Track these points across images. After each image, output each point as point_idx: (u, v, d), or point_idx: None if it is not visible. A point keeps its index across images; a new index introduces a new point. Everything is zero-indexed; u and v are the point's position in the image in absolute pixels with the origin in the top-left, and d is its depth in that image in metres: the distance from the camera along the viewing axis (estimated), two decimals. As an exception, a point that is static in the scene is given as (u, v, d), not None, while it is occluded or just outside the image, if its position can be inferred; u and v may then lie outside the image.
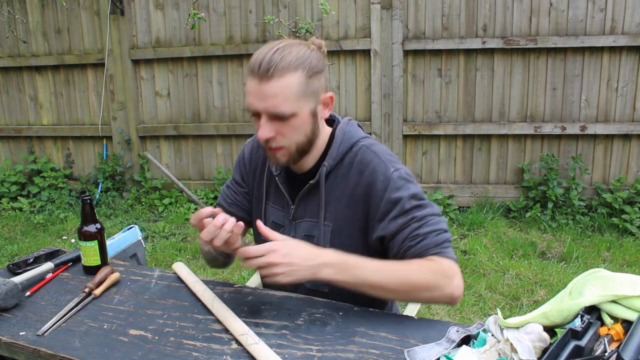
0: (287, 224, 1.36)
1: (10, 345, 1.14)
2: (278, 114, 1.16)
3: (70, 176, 4.92)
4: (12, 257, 3.64)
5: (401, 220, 1.20)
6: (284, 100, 1.14)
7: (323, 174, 1.28)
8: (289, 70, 1.14)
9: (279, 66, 1.13)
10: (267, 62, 1.13)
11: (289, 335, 1.11)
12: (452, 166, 4.22)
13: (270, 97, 1.14)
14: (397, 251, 1.21)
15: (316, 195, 1.30)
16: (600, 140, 3.97)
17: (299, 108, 1.17)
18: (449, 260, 1.18)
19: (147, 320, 1.20)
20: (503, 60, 3.98)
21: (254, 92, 1.16)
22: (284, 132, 1.19)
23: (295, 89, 1.15)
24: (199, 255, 3.61)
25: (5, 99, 4.91)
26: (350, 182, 1.27)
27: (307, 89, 1.17)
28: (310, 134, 1.23)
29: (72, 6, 4.54)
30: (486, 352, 0.97)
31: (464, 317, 2.74)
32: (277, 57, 1.13)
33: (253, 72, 1.15)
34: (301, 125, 1.20)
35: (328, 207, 1.29)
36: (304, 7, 4.19)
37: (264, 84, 1.14)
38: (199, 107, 4.53)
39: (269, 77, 1.13)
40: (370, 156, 1.26)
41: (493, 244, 3.58)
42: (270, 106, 1.15)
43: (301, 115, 1.18)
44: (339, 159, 1.28)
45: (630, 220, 3.69)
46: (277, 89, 1.14)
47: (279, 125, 1.18)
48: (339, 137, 1.29)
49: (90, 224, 1.43)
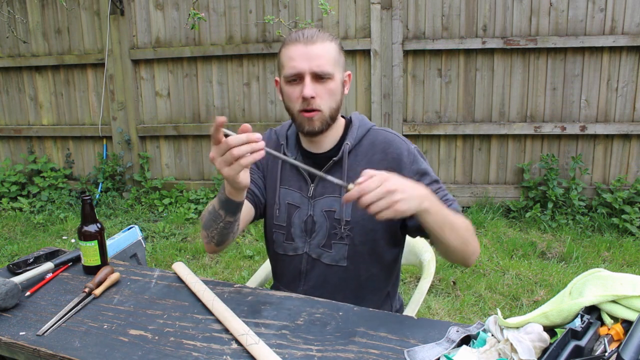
0: (305, 203, 1.41)
1: (10, 345, 1.14)
2: (322, 72, 1.29)
3: (70, 176, 4.92)
4: (12, 257, 3.64)
5: (433, 186, 1.33)
6: (327, 61, 1.30)
7: (346, 151, 1.38)
8: (328, 39, 1.32)
9: (320, 35, 1.31)
10: (309, 32, 1.31)
11: (289, 335, 1.11)
12: (452, 166, 4.22)
13: (316, 57, 1.28)
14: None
15: (337, 172, 1.38)
16: (600, 140, 3.97)
17: (336, 71, 1.32)
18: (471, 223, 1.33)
19: (147, 320, 1.20)
20: (503, 60, 3.98)
21: (300, 55, 1.29)
22: (322, 94, 1.31)
23: (334, 54, 1.32)
24: (199, 255, 3.62)
25: (5, 99, 4.91)
26: (374, 158, 1.38)
27: (339, 59, 1.34)
28: (339, 102, 1.36)
29: (72, 6, 4.55)
30: (486, 352, 0.97)
31: (464, 317, 2.74)
32: (315, 31, 1.32)
33: (298, 40, 1.30)
34: (335, 90, 1.32)
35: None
36: (304, 7, 4.19)
37: (309, 46, 1.29)
38: (199, 107, 4.54)
39: (313, 41, 1.29)
40: (390, 136, 1.41)
41: (493, 244, 3.58)
42: (315, 65, 1.28)
43: (336, 79, 1.32)
44: (359, 139, 1.40)
45: (630, 220, 3.69)
46: (321, 50, 1.29)
47: (318, 87, 1.30)
48: (357, 122, 1.43)
49: (90, 224, 1.43)
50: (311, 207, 1.40)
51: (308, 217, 1.41)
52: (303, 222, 1.41)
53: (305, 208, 1.41)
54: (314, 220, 1.40)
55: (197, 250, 3.66)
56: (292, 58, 1.30)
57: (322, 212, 1.39)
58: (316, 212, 1.40)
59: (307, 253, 1.42)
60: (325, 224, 1.39)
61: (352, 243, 1.38)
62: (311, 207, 1.40)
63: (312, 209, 1.40)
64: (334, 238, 1.38)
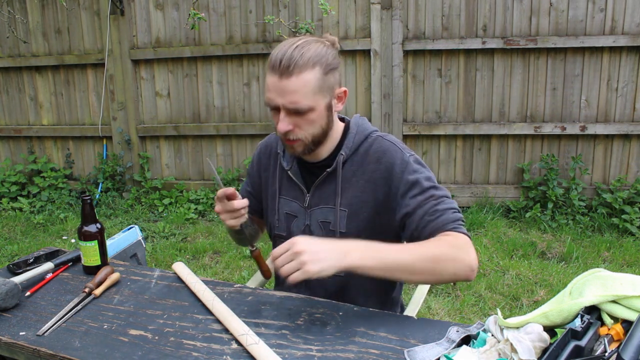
0: (302, 212, 1.41)
1: (10, 345, 1.14)
2: (297, 109, 1.22)
3: (70, 176, 4.92)
4: (12, 257, 3.64)
5: (421, 197, 1.26)
6: (303, 96, 1.21)
7: (340, 162, 1.34)
8: (308, 67, 1.20)
9: (298, 63, 1.19)
10: (287, 59, 1.19)
11: (289, 335, 1.11)
12: (452, 166, 4.22)
13: (289, 93, 1.20)
14: (416, 226, 1.25)
15: (332, 183, 1.36)
16: (600, 141, 3.97)
17: (316, 102, 1.23)
18: (464, 235, 1.22)
19: (147, 320, 1.20)
20: (503, 61, 3.98)
21: (274, 88, 1.22)
22: (301, 125, 1.26)
23: (313, 84, 1.21)
24: (199, 255, 3.62)
25: (5, 99, 4.91)
26: (368, 168, 1.33)
27: (324, 85, 1.24)
28: (326, 126, 1.30)
29: (72, 6, 4.55)
30: (486, 352, 0.96)
31: (464, 317, 2.74)
32: (297, 54, 1.19)
33: (274, 69, 1.21)
34: (317, 119, 1.26)
35: (344, 193, 1.34)
36: (304, 7, 4.19)
37: (284, 80, 1.20)
38: (199, 107, 4.54)
39: (289, 73, 1.19)
40: (386, 144, 1.34)
41: (493, 244, 3.58)
42: (289, 102, 1.21)
43: (318, 109, 1.25)
44: (354, 148, 1.35)
45: (630, 220, 3.69)
46: (296, 85, 1.20)
47: (296, 119, 1.25)
48: (354, 129, 1.37)
49: (90, 224, 1.43)
50: (308, 217, 1.40)
51: (305, 227, 1.41)
52: (301, 232, 1.41)
53: (303, 218, 1.41)
54: (311, 230, 1.40)
55: (197, 250, 3.66)
56: (268, 88, 1.24)
57: (318, 223, 1.38)
58: (312, 222, 1.39)
59: None
60: (321, 234, 1.38)
61: None
62: (308, 217, 1.40)
63: (309, 219, 1.40)
64: None
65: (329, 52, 1.26)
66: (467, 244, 1.20)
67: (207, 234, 3.96)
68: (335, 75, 1.27)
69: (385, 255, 1.14)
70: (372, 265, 1.12)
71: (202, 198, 4.47)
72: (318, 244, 1.11)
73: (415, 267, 1.14)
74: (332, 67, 1.25)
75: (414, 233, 1.26)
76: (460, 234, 1.22)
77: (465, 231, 1.23)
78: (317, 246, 1.10)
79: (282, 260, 1.10)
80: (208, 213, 4.37)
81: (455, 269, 1.17)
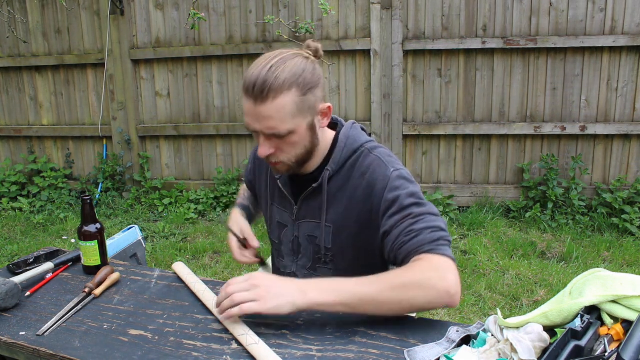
0: (291, 223, 1.39)
1: (10, 345, 1.14)
2: (275, 134, 1.17)
3: (70, 176, 4.92)
4: (12, 257, 3.64)
5: (398, 216, 1.18)
6: (280, 121, 1.15)
7: (326, 178, 1.29)
8: (283, 90, 1.12)
9: (273, 87, 1.11)
10: (261, 82, 1.11)
11: (289, 335, 1.11)
12: (452, 166, 4.22)
13: (266, 119, 1.15)
14: (391, 247, 1.19)
15: (318, 198, 1.32)
16: (600, 141, 3.97)
17: (295, 125, 1.17)
18: (442, 257, 1.12)
19: (147, 320, 1.20)
20: (503, 61, 3.98)
21: (250, 113, 1.16)
22: (283, 147, 1.21)
23: (291, 108, 1.14)
24: (199, 255, 3.62)
25: (5, 99, 4.91)
26: (352, 184, 1.27)
27: (303, 106, 1.16)
28: (310, 145, 1.24)
29: (72, 6, 4.54)
30: (486, 352, 0.96)
31: (464, 317, 2.74)
32: (271, 77, 1.11)
33: (248, 93, 1.14)
34: (300, 140, 1.21)
35: (330, 209, 1.31)
36: (304, 7, 4.19)
37: (259, 106, 1.13)
38: (199, 107, 4.53)
39: (263, 98, 1.12)
40: (371, 159, 1.27)
41: (493, 244, 3.58)
42: (266, 128, 1.16)
43: (299, 131, 1.19)
44: (342, 164, 1.29)
45: (630, 220, 3.69)
46: (272, 110, 1.13)
47: (277, 142, 1.20)
48: (342, 142, 1.30)
49: (90, 224, 1.43)
50: (297, 229, 1.38)
51: (294, 238, 1.39)
52: (290, 242, 1.41)
53: (292, 229, 1.39)
54: (299, 242, 1.38)
55: (197, 250, 3.66)
56: (245, 112, 1.18)
57: (305, 236, 1.36)
58: (301, 235, 1.37)
59: (294, 273, 1.42)
60: (309, 248, 1.37)
61: (336, 268, 1.34)
62: (297, 229, 1.38)
63: (298, 230, 1.38)
64: (318, 262, 1.36)
65: (308, 67, 1.17)
66: (444, 268, 1.09)
67: (207, 234, 3.96)
68: (316, 93, 1.19)
69: (345, 289, 1.07)
70: (333, 301, 1.06)
71: (202, 198, 4.47)
72: (276, 281, 1.09)
73: (379, 298, 1.06)
74: (312, 86, 1.17)
75: (390, 255, 1.20)
76: (437, 256, 1.12)
77: (445, 252, 1.13)
78: (276, 283, 1.09)
79: (238, 287, 1.07)
80: (208, 213, 4.37)
81: (428, 297, 1.06)
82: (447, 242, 1.16)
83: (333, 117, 1.37)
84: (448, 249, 1.15)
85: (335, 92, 4.26)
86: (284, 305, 1.05)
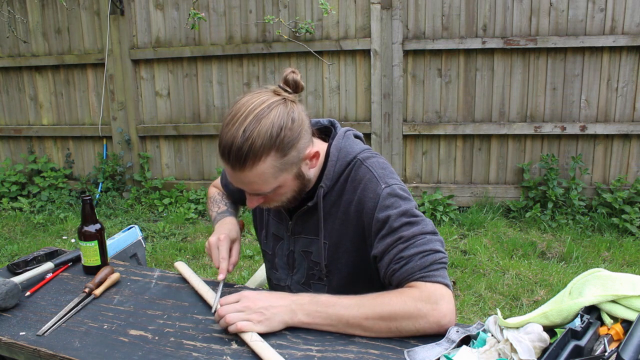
0: (287, 237, 1.37)
1: (10, 345, 1.14)
2: (260, 194, 1.16)
3: (70, 176, 4.92)
4: (12, 257, 3.64)
5: (388, 239, 1.15)
6: (263, 183, 1.12)
7: (321, 196, 1.25)
8: (261, 157, 1.07)
9: (249, 155, 1.06)
10: (236, 150, 1.06)
11: (289, 335, 1.11)
12: (452, 166, 4.22)
13: (247, 184, 1.14)
14: (384, 273, 1.17)
15: (314, 215, 1.29)
16: (600, 140, 3.97)
17: (280, 182, 1.14)
18: (434, 285, 1.09)
19: (147, 321, 1.20)
20: (503, 60, 3.98)
21: (231, 176, 1.14)
22: (271, 198, 1.19)
23: (272, 171, 1.11)
24: (199, 255, 3.62)
25: (5, 99, 4.91)
26: (345, 199, 1.24)
27: (285, 164, 1.12)
28: (299, 188, 1.21)
29: (72, 6, 4.55)
30: (486, 352, 0.97)
31: (464, 317, 2.74)
32: (246, 145, 1.05)
33: (224, 158, 1.10)
34: (288, 190, 1.19)
35: (326, 225, 1.28)
36: (304, 7, 4.19)
37: (238, 173, 1.10)
38: (199, 107, 4.54)
39: (241, 167, 1.08)
40: (363, 172, 1.22)
41: (493, 244, 3.58)
42: (250, 190, 1.16)
43: (285, 184, 1.16)
44: (335, 179, 1.25)
45: (630, 220, 3.69)
46: (252, 177, 1.10)
47: (264, 196, 1.19)
48: (335, 156, 1.25)
49: (90, 224, 1.43)
50: (292, 243, 1.36)
51: (289, 252, 1.37)
52: (285, 256, 1.39)
53: (287, 243, 1.37)
54: (295, 256, 1.36)
55: (197, 250, 3.66)
56: (227, 172, 1.15)
57: (300, 252, 1.34)
58: (296, 249, 1.35)
59: (289, 287, 1.40)
60: (303, 263, 1.35)
61: (330, 285, 1.32)
62: (292, 243, 1.36)
63: (293, 245, 1.35)
64: (312, 278, 1.34)
65: (286, 122, 1.08)
66: (435, 297, 1.06)
67: (207, 233, 3.96)
68: (299, 146, 1.12)
69: (333, 312, 1.08)
70: (320, 322, 1.10)
71: (202, 198, 4.47)
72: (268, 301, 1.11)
73: (365, 325, 1.07)
74: (292, 143, 1.10)
75: (384, 279, 1.19)
76: (429, 284, 1.09)
77: (437, 278, 1.09)
78: (268, 303, 1.10)
79: (232, 308, 1.09)
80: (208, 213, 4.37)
81: (417, 327, 1.05)
82: (441, 265, 1.12)
83: (330, 120, 1.34)
84: (443, 272, 1.12)
85: (335, 92, 4.26)
86: (276, 326, 1.10)
